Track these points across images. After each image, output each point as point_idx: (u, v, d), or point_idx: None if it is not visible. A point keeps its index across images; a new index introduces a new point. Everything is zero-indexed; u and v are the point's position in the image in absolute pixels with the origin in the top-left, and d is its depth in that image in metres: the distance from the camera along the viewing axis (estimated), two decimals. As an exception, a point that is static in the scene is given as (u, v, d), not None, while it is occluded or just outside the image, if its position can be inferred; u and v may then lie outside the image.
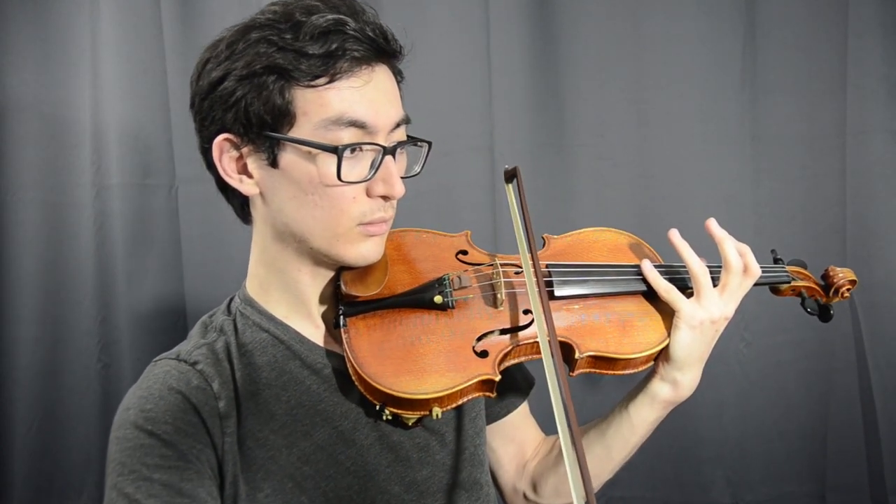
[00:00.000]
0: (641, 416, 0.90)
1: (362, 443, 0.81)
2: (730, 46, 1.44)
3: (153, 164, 1.52)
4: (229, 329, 0.82)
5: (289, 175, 0.75)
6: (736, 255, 0.87)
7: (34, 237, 1.53)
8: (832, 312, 0.97)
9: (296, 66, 0.71)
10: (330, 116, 0.73)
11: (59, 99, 1.51)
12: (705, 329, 0.86)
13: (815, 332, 1.48)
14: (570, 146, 1.48)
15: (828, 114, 1.44)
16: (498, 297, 0.86)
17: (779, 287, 0.97)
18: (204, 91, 0.76)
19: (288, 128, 0.73)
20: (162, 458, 0.72)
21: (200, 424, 0.75)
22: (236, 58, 0.74)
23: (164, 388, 0.75)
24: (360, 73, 0.74)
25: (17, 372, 1.54)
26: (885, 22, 1.40)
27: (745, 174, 1.47)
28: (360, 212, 0.77)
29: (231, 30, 0.77)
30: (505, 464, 1.03)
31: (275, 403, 0.79)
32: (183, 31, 1.49)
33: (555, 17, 1.47)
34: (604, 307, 0.90)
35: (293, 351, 0.82)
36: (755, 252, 0.88)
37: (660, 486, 1.52)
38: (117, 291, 1.53)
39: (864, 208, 1.45)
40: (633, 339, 0.87)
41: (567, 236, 0.98)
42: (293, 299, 0.83)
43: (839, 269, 0.99)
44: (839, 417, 1.49)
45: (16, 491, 1.54)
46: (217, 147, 0.76)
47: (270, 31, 0.73)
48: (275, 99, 0.72)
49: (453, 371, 0.79)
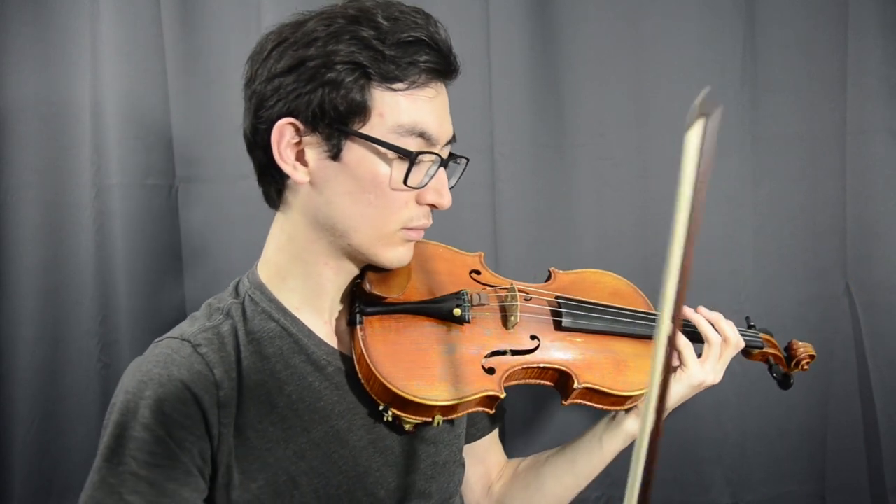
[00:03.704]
0: (613, 448, 0.99)
1: (356, 444, 0.82)
2: (730, 46, 1.44)
3: (153, 164, 1.52)
4: (237, 313, 0.82)
5: (350, 170, 0.76)
6: (729, 334, 0.99)
7: (34, 237, 1.53)
8: (792, 382, 1.10)
9: (379, 67, 0.73)
10: (404, 123, 0.75)
11: (59, 99, 1.51)
12: (696, 387, 0.97)
13: (814, 333, 1.48)
14: (570, 146, 1.48)
15: (828, 114, 1.44)
16: (511, 319, 0.89)
17: (751, 351, 1.07)
18: (273, 74, 0.75)
19: (360, 124, 0.74)
20: (151, 456, 0.72)
21: (199, 416, 0.74)
22: (316, 47, 0.73)
23: (164, 374, 0.75)
24: (433, 86, 0.77)
25: (17, 372, 1.53)
26: (885, 22, 1.40)
27: (745, 174, 1.47)
28: (407, 216, 0.79)
29: (308, 16, 0.77)
30: (472, 484, 1.06)
31: (277, 395, 0.79)
32: (183, 31, 1.49)
33: (555, 17, 1.47)
34: (603, 344, 0.96)
35: (300, 345, 0.82)
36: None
37: (660, 486, 1.52)
38: (117, 291, 1.53)
39: (864, 208, 1.45)
40: (626, 377, 0.94)
41: (571, 273, 1.05)
42: (310, 291, 0.83)
43: (801, 342, 1.11)
44: (839, 417, 1.49)
45: (16, 491, 1.54)
46: (278, 130, 0.76)
47: (356, 28, 0.73)
48: (354, 95, 0.73)
49: (462, 383, 0.81)
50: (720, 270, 1.48)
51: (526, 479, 1.05)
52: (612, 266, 1.34)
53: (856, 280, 1.47)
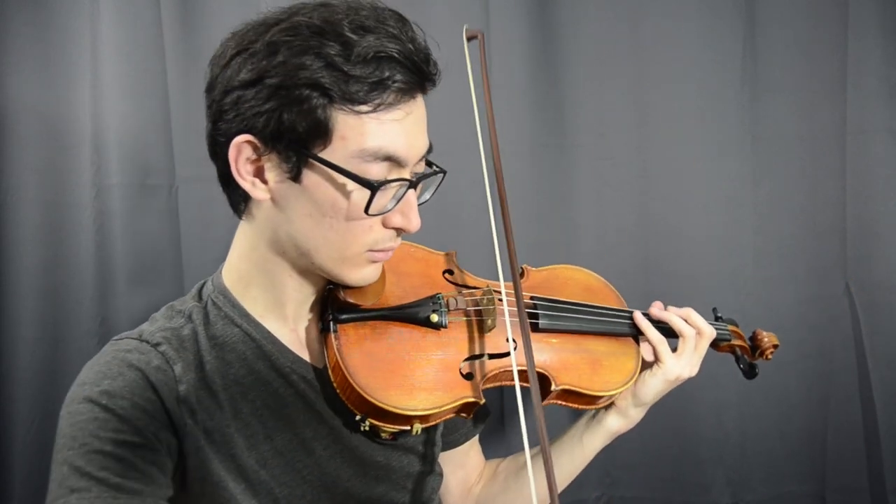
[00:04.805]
0: (594, 445, 0.99)
1: (321, 453, 0.80)
2: (730, 46, 1.44)
3: (153, 164, 1.52)
4: (198, 318, 0.80)
5: (310, 193, 0.72)
6: (702, 326, 0.98)
7: (34, 237, 1.52)
8: (757, 372, 1.09)
9: (342, 89, 0.68)
10: (368, 148, 0.70)
11: (59, 99, 1.51)
12: (673, 382, 0.96)
13: (814, 333, 1.48)
14: (570, 146, 1.48)
15: (828, 114, 1.44)
16: (487, 323, 0.87)
17: (718, 343, 1.07)
18: (232, 86, 0.71)
19: (321, 148, 0.70)
20: (116, 433, 0.69)
21: (159, 403, 0.72)
22: (277, 62, 0.68)
23: (122, 364, 0.73)
24: (402, 106, 0.72)
25: (17, 372, 1.53)
26: (885, 22, 1.40)
27: (745, 174, 1.47)
28: (372, 240, 0.76)
29: (268, 23, 0.71)
30: (452, 488, 1.04)
31: (241, 401, 0.77)
32: (183, 31, 1.49)
33: (555, 17, 1.47)
34: (578, 344, 0.94)
35: (264, 351, 0.80)
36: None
37: (660, 486, 1.52)
38: (117, 291, 1.53)
39: (864, 208, 1.45)
40: (602, 377, 0.93)
41: (543, 270, 1.03)
42: (273, 300, 0.81)
43: (765, 332, 1.11)
44: (839, 417, 1.49)
45: (16, 491, 1.54)
46: (235, 147, 0.72)
47: (318, 43, 0.68)
48: (315, 116, 0.68)
49: (440, 390, 0.79)
50: (720, 270, 1.48)
51: (506, 482, 1.04)
52: (612, 266, 1.34)
53: (856, 280, 1.47)
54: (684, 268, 1.48)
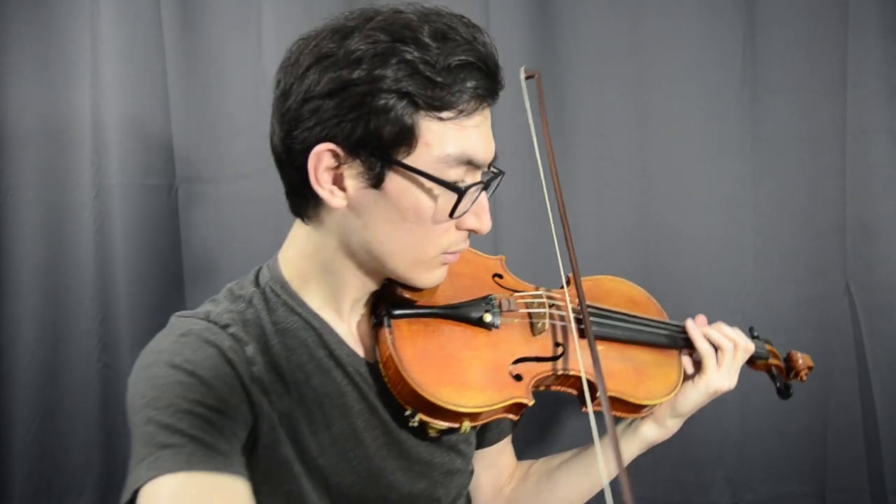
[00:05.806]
0: (629, 454, 1.00)
1: (370, 444, 0.81)
2: (730, 46, 1.44)
3: (153, 164, 1.52)
4: (259, 303, 0.80)
5: (391, 199, 0.73)
6: (739, 339, 0.99)
7: (34, 237, 1.52)
8: (792, 392, 1.09)
9: (428, 96, 0.69)
10: (452, 153, 0.72)
11: (59, 99, 1.51)
12: (712, 394, 0.98)
13: (814, 333, 1.48)
14: (570, 146, 1.48)
15: (828, 114, 1.44)
16: (538, 326, 0.88)
17: (755, 360, 1.07)
18: (311, 95, 0.71)
19: (405, 154, 0.71)
20: (203, 396, 0.69)
21: (238, 380, 0.73)
22: (362, 69, 0.69)
23: (199, 339, 0.73)
24: (480, 112, 0.74)
25: (17, 372, 1.53)
26: (885, 22, 1.40)
27: (745, 174, 1.47)
28: (447, 242, 0.78)
29: (344, 31, 0.71)
30: (483, 487, 1.05)
31: (305, 387, 0.78)
32: (183, 31, 1.49)
33: (555, 17, 1.47)
34: (623, 353, 0.95)
35: (323, 340, 0.81)
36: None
37: (660, 486, 1.52)
38: (117, 291, 1.53)
39: (864, 208, 1.45)
40: (646, 386, 0.94)
41: (588, 280, 1.04)
42: (331, 295, 0.82)
43: (800, 354, 1.12)
44: (839, 418, 1.49)
45: (16, 491, 1.54)
46: (316, 156, 0.72)
47: (402, 48, 0.68)
48: (402, 124, 0.69)
49: (491, 389, 0.80)
50: (720, 270, 1.48)
51: (538, 484, 1.05)
52: (612, 266, 1.34)
53: (856, 280, 1.47)
54: (684, 268, 1.48)
